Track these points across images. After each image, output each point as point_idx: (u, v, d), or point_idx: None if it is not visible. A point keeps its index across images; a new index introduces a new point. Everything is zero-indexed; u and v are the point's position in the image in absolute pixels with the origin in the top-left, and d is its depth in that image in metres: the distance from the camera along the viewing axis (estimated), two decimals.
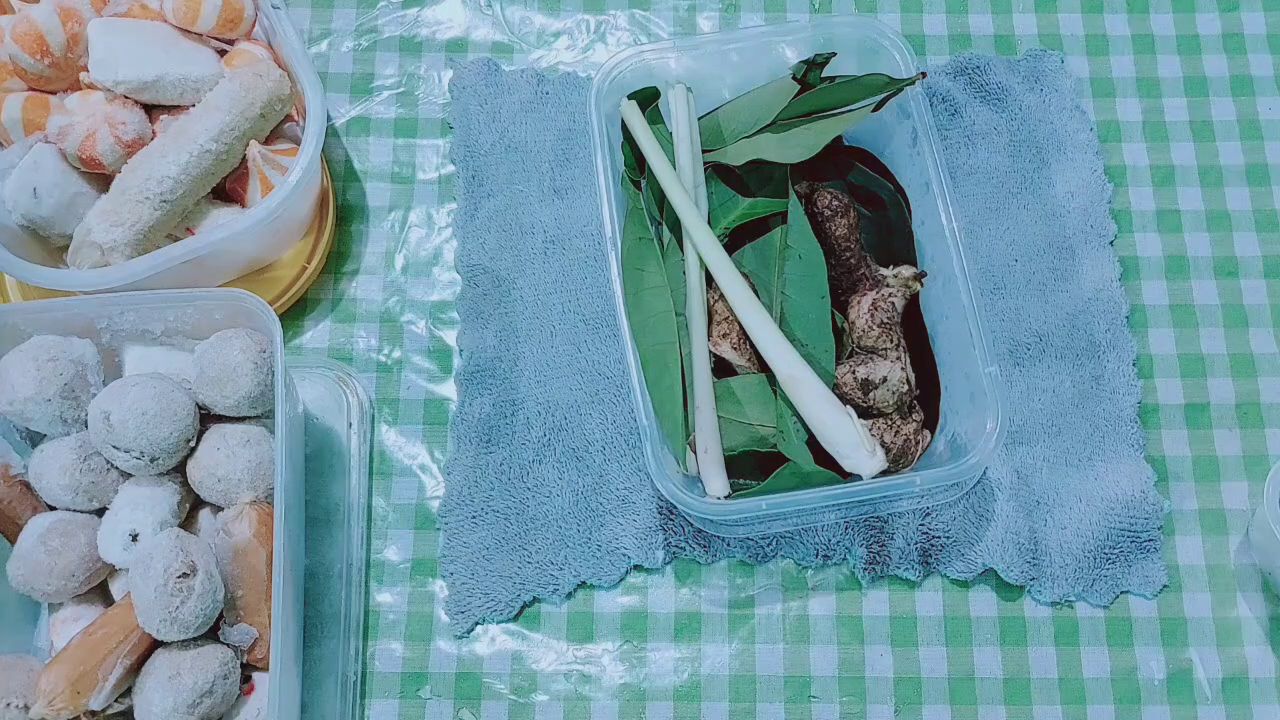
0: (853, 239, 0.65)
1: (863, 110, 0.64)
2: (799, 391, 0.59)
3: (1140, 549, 0.65)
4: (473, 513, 0.66)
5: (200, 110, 0.65)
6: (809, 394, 0.59)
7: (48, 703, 0.54)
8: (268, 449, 0.59)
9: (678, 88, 0.66)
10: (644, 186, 0.66)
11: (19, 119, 0.65)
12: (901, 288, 0.63)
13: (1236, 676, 0.64)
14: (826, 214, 0.65)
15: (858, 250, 0.65)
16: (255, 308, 0.59)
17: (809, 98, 0.64)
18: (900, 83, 0.63)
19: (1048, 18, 0.78)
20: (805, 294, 0.63)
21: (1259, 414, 0.69)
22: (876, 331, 0.62)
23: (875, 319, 0.62)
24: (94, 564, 0.58)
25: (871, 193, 0.67)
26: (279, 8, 0.68)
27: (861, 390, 0.61)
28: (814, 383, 0.59)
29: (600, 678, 0.64)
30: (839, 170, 0.68)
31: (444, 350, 0.71)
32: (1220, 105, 0.76)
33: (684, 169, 0.65)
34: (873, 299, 0.62)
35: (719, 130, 0.67)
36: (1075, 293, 0.71)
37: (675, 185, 0.64)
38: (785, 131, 0.65)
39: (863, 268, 0.65)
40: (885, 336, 0.62)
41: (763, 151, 0.64)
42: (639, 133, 0.65)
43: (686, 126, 0.66)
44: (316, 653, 0.63)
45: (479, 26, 0.79)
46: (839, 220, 0.64)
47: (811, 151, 0.64)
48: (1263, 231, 0.73)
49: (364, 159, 0.75)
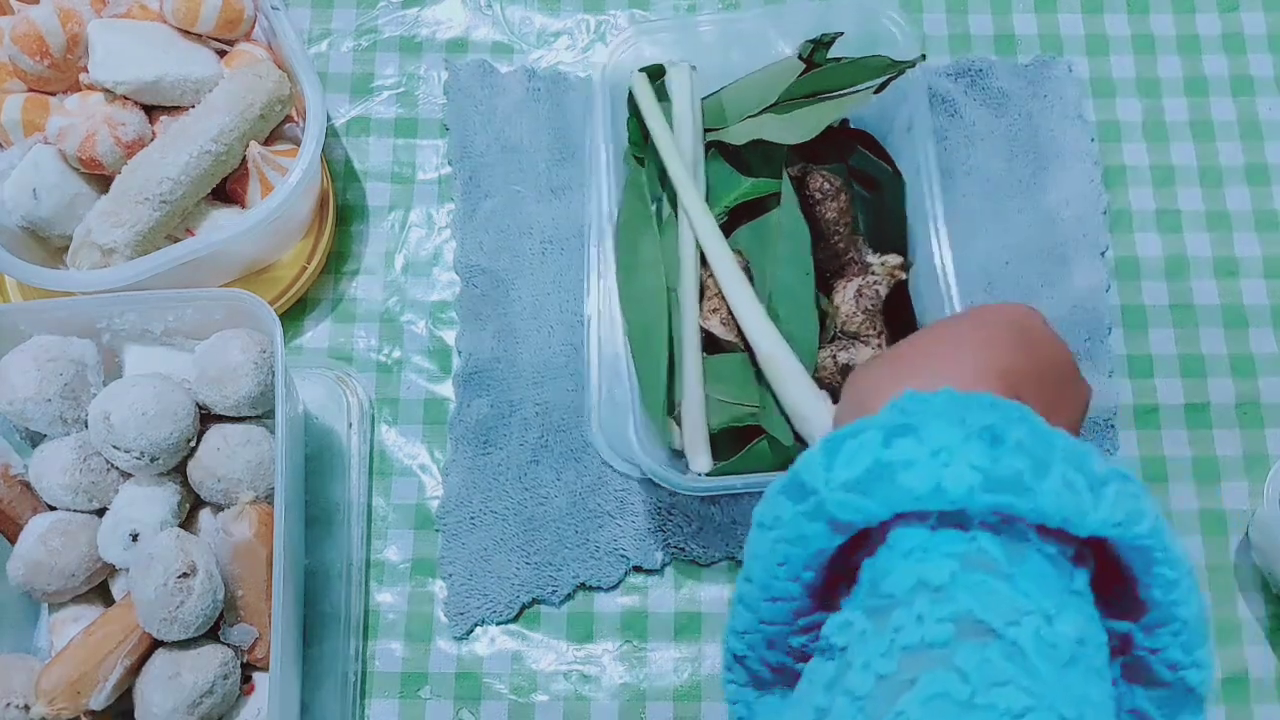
0: (843, 222, 0.64)
1: (865, 94, 0.64)
2: (776, 370, 0.59)
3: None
4: (471, 514, 0.66)
5: (200, 111, 0.65)
6: (786, 374, 0.59)
7: (48, 703, 0.54)
8: (268, 449, 0.59)
9: (681, 65, 0.66)
10: (646, 164, 0.66)
11: (19, 120, 0.65)
12: (886, 276, 0.63)
13: (1236, 676, 0.64)
14: (818, 196, 0.64)
15: (847, 234, 0.65)
16: (255, 308, 0.59)
17: (812, 78, 0.64)
18: (902, 65, 0.63)
19: (1048, 18, 0.78)
20: (792, 275, 0.63)
21: (1259, 414, 0.69)
22: (860, 317, 0.61)
23: (860, 305, 0.62)
24: (94, 564, 0.58)
25: (870, 175, 0.66)
26: (279, 8, 0.68)
27: (841, 375, 0.61)
28: (791, 363, 0.59)
29: (600, 678, 0.64)
30: (840, 153, 0.68)
31: (444, 350, 0.71)
32: (1220, 105, 0.76)
33: (684, 145, 0.65)
34: (859, 285, 0.62)
35: (722, 110, 0.67)
36: (1061, 299, 0.71)
37: (674, 156, 0.64)
38: (788, 112, 0.65)
39: (852, 252, 0.65)
40: (869, 323, 0.62)
41: (764, 131, 0.64)
42: (645, 105, 0.65)
43: (688, 103, 0.65)
44: (316, 653, 0.63)
45: (479, 26, 0.79)
46: (829, 204, 0.64)
47: (812, 133, 0.63)
48: (1263, 231, 0.73)
49: (364, 159, 0.75)
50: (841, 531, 0.33)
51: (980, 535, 0.32)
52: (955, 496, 0.31)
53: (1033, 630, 0.29)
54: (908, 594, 0.31)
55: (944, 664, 0.29)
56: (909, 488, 0.32)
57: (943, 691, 0.28)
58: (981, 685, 0.28)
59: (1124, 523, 0.31)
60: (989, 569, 0.31)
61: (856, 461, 0.33)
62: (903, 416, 0.33)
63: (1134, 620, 0.33)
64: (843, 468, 0.33)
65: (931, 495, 0.31)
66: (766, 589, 0.35)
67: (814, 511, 0.33)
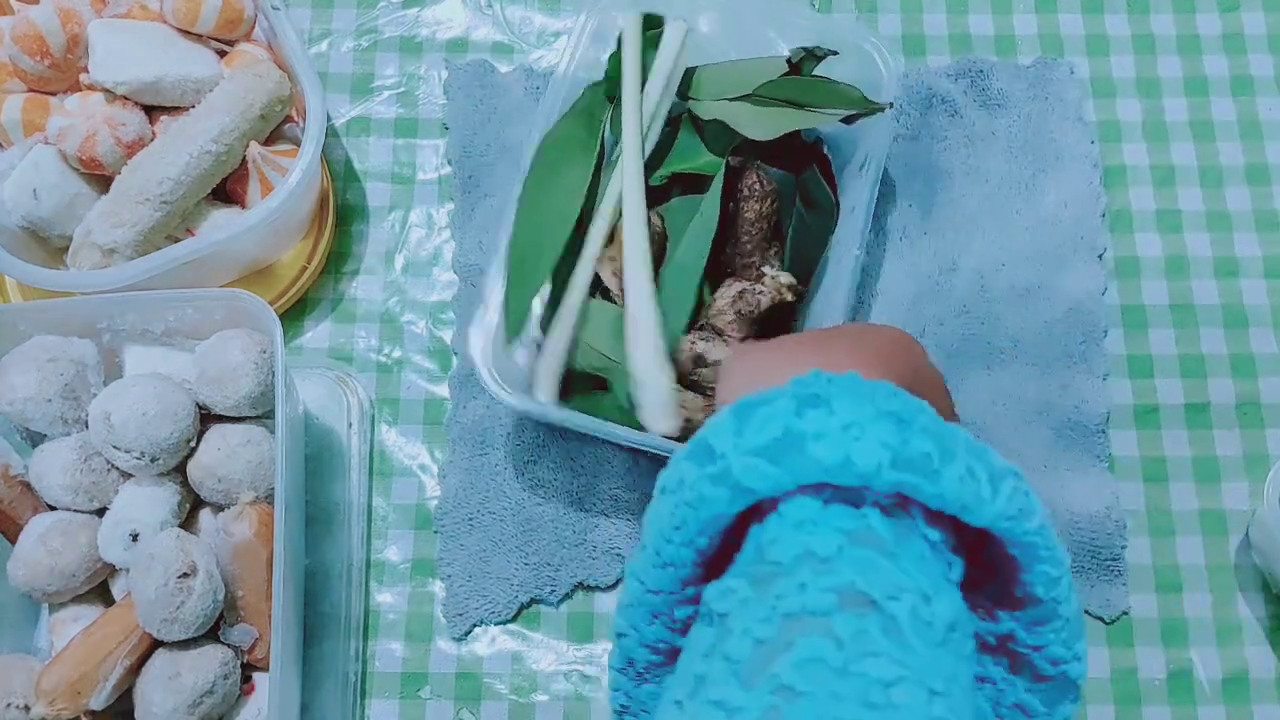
0: (757, 227, 0.65)
1: (833, 117, 0.65)
2: (634, 330, 0.59)
3: (1103, 568, 0.65)
4: (469, 515, 0.66)
5: (200, 111, 0.65)
6: (642, 335, 0.59)
7: (48, 703, 0.54)
8: (268, 449, 0.59)
9: (679, 23, 0.67)
10: (615, 102, 0.66)
11: (19, 120, 0.65)
12: (774, 290, 0.63)
13: (1236, 676, 0.64)
14: (745, 193, 0.65)
15: (759, 239, 0.65)
16: (255, 308, 0.59)
17: (791, 84, 0.65)
18: (873, 107, 0.64)
19: (1048, 18, 0.78)
20: (689, 255, 0.64)
21: (1259, 414, 0.69)
22: (730, 316, 0.62)
23: (734, 305, 0.62)
24: (94, 564, 0.58)
25: (813, 197, 0.66)
26: (279, 8, 0.68)
27: (693, 363, 0.61)
28: (651, 327, 0.59)
29: (600, 678, 0.64)
30: (796, 164, 0.68)
31: (444, 351, 0.71)
32: (1220, 105, 0.76)
33: (651, 98, 0.65)
34: (743, 288, 0.63)
35: (700, 83, 0.67)
36: (1057, 301, 0.70)
37: (634, 104, 0.64)
38: (759, 106, 0.65)
39: (755, 257, 0.65)
40: (737, 325, 0.62)
41: (731, 116, 0.65)
42: (629, 46, 0.65)
43: (671, 60, 0.66)
44: (316, 653, 0.63)
45: (479, 26, 0.79)
46: (752, 204, 0.64)
47: (774, 133, 0.64)
48: (1263, 231, 0.73)
49: (364, 159, 0.75)
50: (744, 497, 0.33)
51: (870, 514, 0.32)
52: (863, 472, 0.31)
53: (910, 607, 0.30)
54: (793, 563, 0.31)
55: (822, 631, 0.29)
56: (818, 459, 0.31)
57: (818, 656, 0.28)
58: (856, 654, 0.28)
59: (1016, 517, 0.32)
60: (875, 546, 0.31)
61: (767, 429, 0.32)
62: (813, 388, 0.33)
63: (1010, 614, 0.35)
64: (753, 434, 0.33)
65: (839, 468, 0.31)
66: (659, 554, 0.35)
67: (719, 476, 0.33)
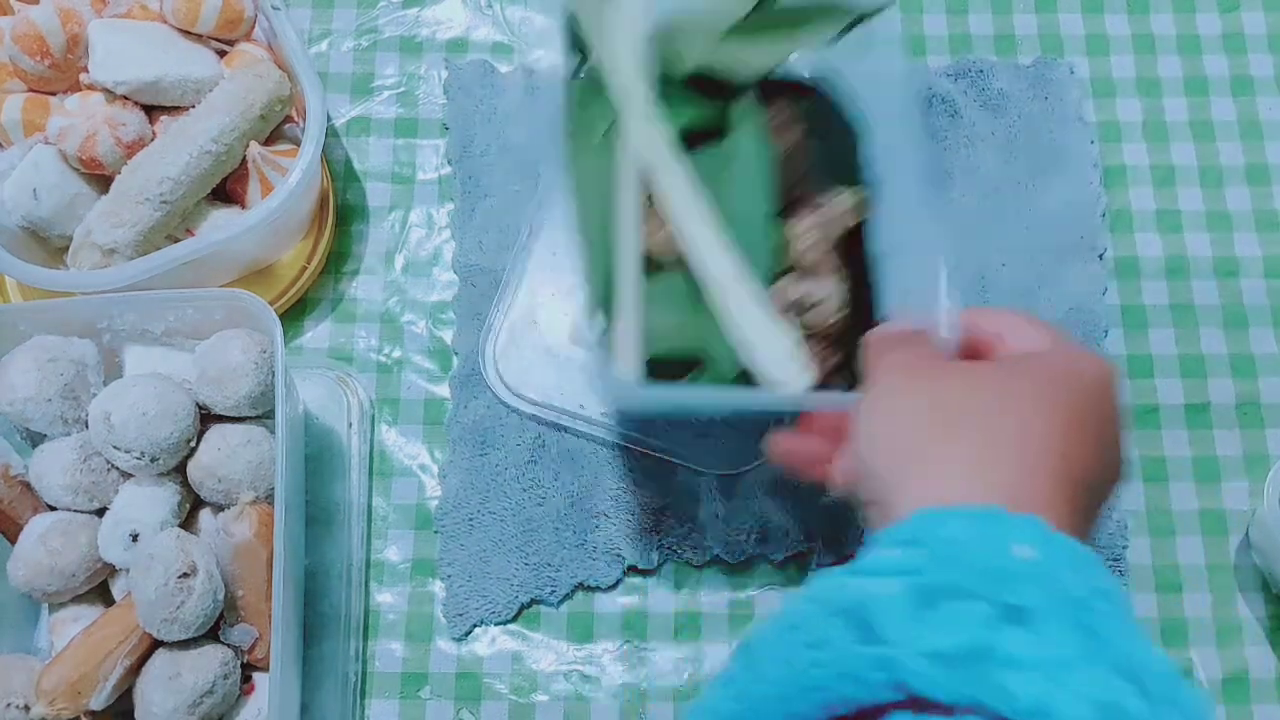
0: (798, 155, 0.58)
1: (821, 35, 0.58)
2: (729, 295, 0.53)
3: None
4: (469, 515, 0.66)
5: (200, 111, 0.65)
6: (741, 298, 0.53)
7: (48, 703, 0.54)
8: (268, 449, 0.59)
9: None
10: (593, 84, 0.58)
11: (19, 120, 0.65)
12: (844, 214, 0.57)
13: (1236, 676, 0.64)
14: (776, 123, 0.58)
15: (800, 171, 0.59)
16: (255, 308, 0.59)
17: (760, 20, 0.58)
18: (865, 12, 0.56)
19: (1048, 18, 0.78)
20: (745, 201, 0.57)
21: (1259, 414, 0.69)
22: (822, 247, 0.56)
23: (816, 235, 0.56)
24: (94, 564, 0.58)
25: (822, 123, 0.60)
26: (279, 8, 0.68)
27: (794, 311, 0.55)
28: (748, 287, 0.53)
29: (600, 678, 0.64)
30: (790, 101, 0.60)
31: (444, 351, 0.71)
32: (1220, 105, 0.76)
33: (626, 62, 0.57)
34: (816, 219, 0.57)
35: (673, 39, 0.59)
36: (1057, 302, 0.70)
37: (626, 59, 0.56)
38: (742, 44, 0.58)
39: (800, 190, 0.58)
40: (826, 259, 0.56)
41: (717, 59, 0.58)
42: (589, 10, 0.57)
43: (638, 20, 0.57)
44: (316, 653, 0.63)
45: (479, 26, 0.79)
46: (783, 135, 0.58)
47: (770, 63, 0.58)
48: (1263, 231, 0.73)
49: (364, 159, 0.75)
50: (906, 695, 0.29)
51: None
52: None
53: None
54: None
55: None
56: (1009, 692, 0.27)
57: None
58: None
59: None
60: None
61: (953, 634, 0.28)
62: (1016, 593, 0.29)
63: None
64: (933, 633, 0.29)
65: (1030, 712, 0.27)
66: (785, 702, 0.31)
67: (882, 663, 0.29)
